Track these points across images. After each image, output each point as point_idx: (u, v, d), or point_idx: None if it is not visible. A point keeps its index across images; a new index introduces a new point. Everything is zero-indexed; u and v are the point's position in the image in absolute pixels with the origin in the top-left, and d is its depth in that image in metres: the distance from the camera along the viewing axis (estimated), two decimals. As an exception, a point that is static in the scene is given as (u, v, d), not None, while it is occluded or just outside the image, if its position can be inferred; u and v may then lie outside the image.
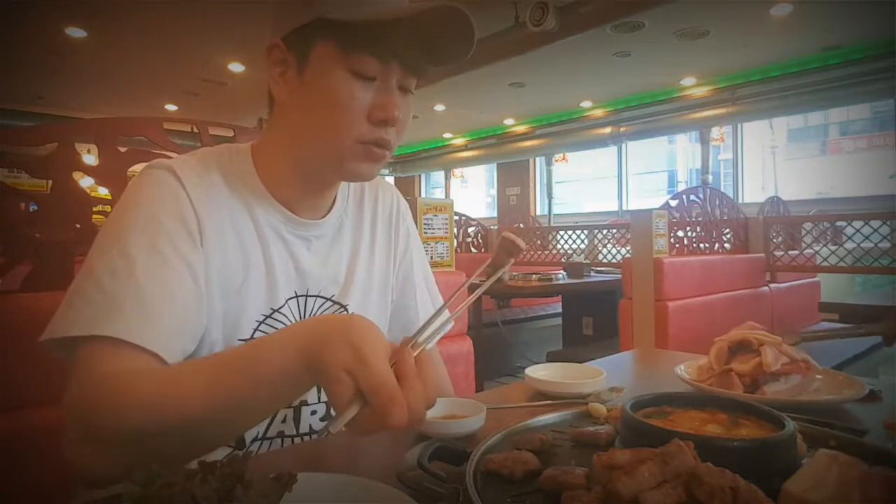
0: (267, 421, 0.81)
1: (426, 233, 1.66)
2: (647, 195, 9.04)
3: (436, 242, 1.69)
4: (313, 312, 0.84)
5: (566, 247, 4.22)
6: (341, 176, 0.82)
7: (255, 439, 0.80)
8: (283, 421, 0.82)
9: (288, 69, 0.74)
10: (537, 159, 9.67)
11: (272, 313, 0.79)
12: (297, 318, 0.82)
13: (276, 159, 0.80)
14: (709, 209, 3.16)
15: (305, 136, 0.76)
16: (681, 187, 8.87)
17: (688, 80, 6.93)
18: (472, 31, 0.71)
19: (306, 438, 0.84)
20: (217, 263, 0.73)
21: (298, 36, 0.72)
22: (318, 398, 0.85)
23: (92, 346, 0.61)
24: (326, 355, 0.52)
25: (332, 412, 0.87)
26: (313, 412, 0.85)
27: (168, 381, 0.61)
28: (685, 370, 1.01)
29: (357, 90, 0.72)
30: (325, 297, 0.85)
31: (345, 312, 0.87)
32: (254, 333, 0.77)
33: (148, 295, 0.64)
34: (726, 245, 3.26)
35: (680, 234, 3.04)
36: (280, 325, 0.79)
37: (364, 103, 0.72)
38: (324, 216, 0.85)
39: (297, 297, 0.82)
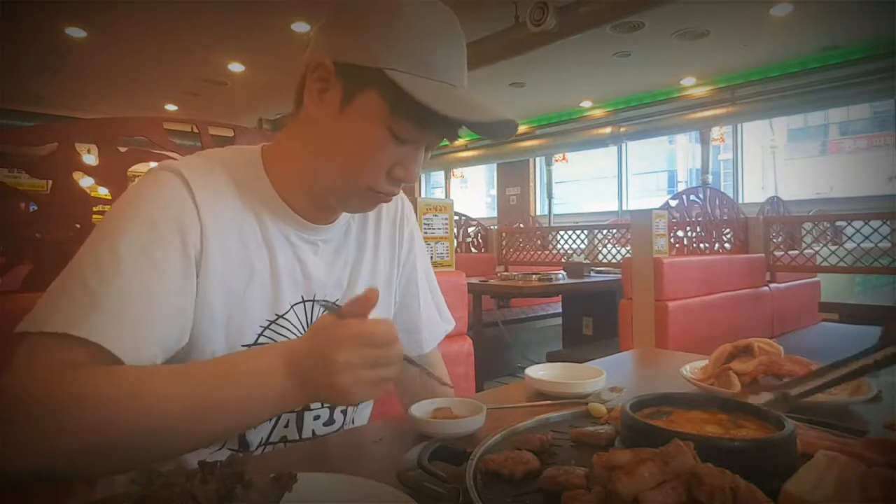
0: (270, 425, 0.80)
1: (426, 233, 1.66)
2: (647, 195, 9.04)
3: (436, 242, 1.69)
4: (318, 317, 0.83)
5: (566, 247, 4.22)
6: (342, 207, 0.83)
7: (259, 444, 0.80)
8: (286, 426, 0.82)
9: (329, 91, 0.73)
10: (537, 159, 9.67)
11: (277, 319, 0.78)
12: (303, 324, 0.81)
13: (290, 166, 0.79)
14: (709, 209, 3.16)
15: (323, 161, 0.76)
16: (681, 187, 8.87)
17: (688, 80, 6.93)
18: (514, 131, 0.76)
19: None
20: (220, 268, 0.72)
21: (353, 71, 0.71)
22: (321, 403, 0.84)
23: (59, 342, 0.60)
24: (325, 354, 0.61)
25: (335, 415, 0.87)
26: (316, 417, 0.85)
27: (139, 379, 0.60)
28: (689, 371, 1.01)
29: (389, 148, 0.72)
30: (329, 302, 0.84)
31: None
32: (258, 339, 0.77)
33: (128, 298, 0.63)
34: (726, 245, 3.26)
35: (680, 234, 3.04)
36: (285, 331, 0.79)
37: (389, 159, 0.73)
38: (332, 220, 0.85)
39: (303, 302, 0.81)
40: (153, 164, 0.76)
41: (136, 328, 0.63)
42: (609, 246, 4.03)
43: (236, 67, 6.52)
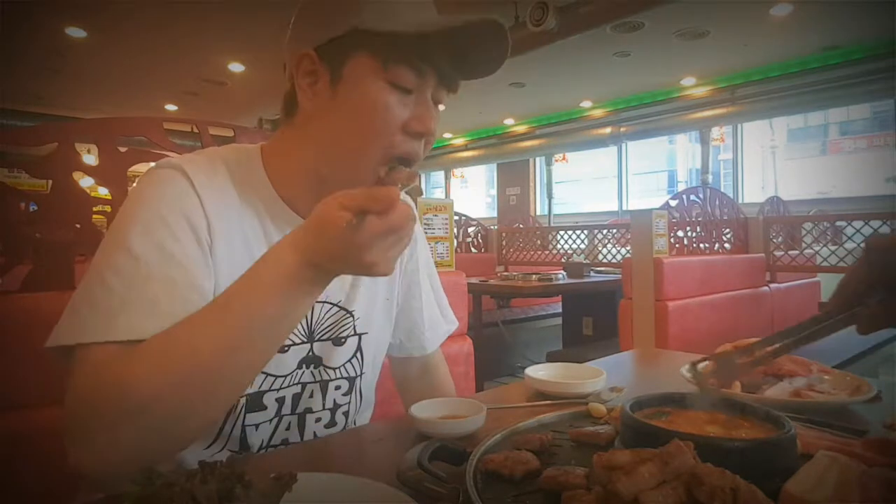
0: (271, 429, 0.80)
1: (426, 233, 1.66)
2: (647, 195, 9.04)
3: (436, 242, 1.69)
4: (320, 319, 0.83)
5: (566, 247, 4.22)
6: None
7: (260, 447, 0.79)
8: (288, 429, 0.81)
9: (319, 80, 0.73)
10: (537, 159, 9.67)
11: None
12: (304, 325, 0.81)
13: (293, 167, 0.78)
14: (709, 209, 3.16)
15: (334, 148, 0.74)
16: (681, 187, 8.87)
17: (688, 80, 6.93)
18: (506, 44, 0.72)
19: None
20: (225, 266, 0.71)
21: (332, 47, 0.71)
22: (323, 405, 0.84)
23: (99, 350, 0.60)
24: (319, 212, 0.59)
25: (336, 417, 0.86)
26: (318, 419, 0.84)
27: (173, 331, 0.60)
28: (689, 371, 1.01)
29: (394, 102, 0.71)
30: (331, 303, 0.84)
31: (351, 319, 0.86)
32: None
33: (156, 295, 0.63)
34: (726, 245, 3.26)
35: (680, 234, 3.04)
36: None
37: (401, 116, 0.72)
38: None
39: None
40: (153, 165, 0.76)
41: (168, 321, 0.62)
42: (609, 246, 4.03)
43: (236, 67, 6.52)
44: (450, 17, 0.69)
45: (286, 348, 0.79)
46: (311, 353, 0.82)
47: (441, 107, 0.78)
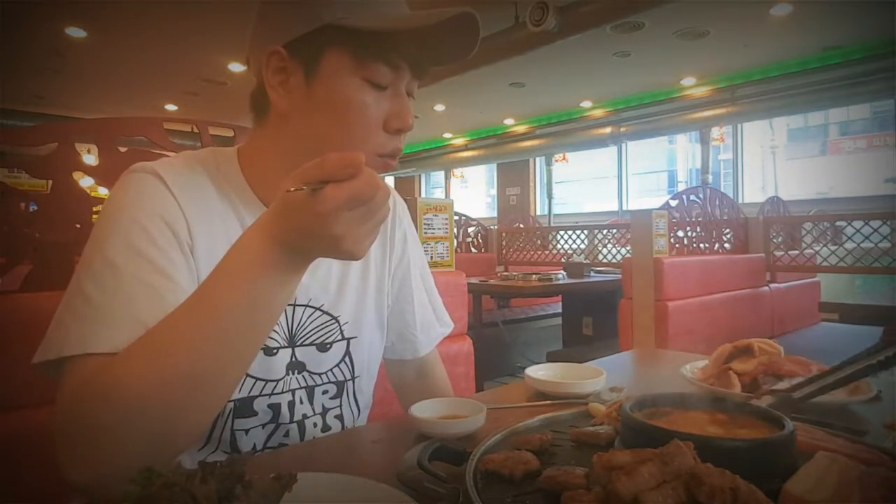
0: (265, 435, 0.79)
1: (426, 233, 1.66)
2: (647, 195, 9.05)
3: (436, 242, 1.69)
4: (302, 323, 0.81)
5: (566, 247, 4.22)
6: None
7: (254, 451, 0.78)
8: (286, 435, 0.81)
9: (290, 77, 0.71)
10: (537, 159, 9.67)
11: None
12: (285, 329, 0.80)
13: (270, 167, 0.76)
14: (709, 209, 3.16)
15: (314, 146, 0.72)
16: (681, 187, 8.87)
17: (688, 80, 6.93)
18: (477, 32, 0.71)
19: None
20: (208, 266, 0.69)
21: (304, 43, 0.70)
22: (312, 410, 0.84)
23: (85, 362, 0.59)
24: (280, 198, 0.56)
25: (327, 419, 0.85)
26: (314, 424, 0.84)
27: (150, 333, 0.58)
28: (690, 371, 1.01)
29: (372, 99, 0.71)
30: (314, 307, 0.82)
31: (336, 324, 0.85)
32: None
33: (137, 304, 0.62)
34: (726, 245, 3.26)
35: (680, 234, 3.04)
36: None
37: (379, 113, 0.71)
38: None
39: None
40: (127, 169, 0.74)
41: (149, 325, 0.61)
42: (609, 246, 4.03)
43: (236, 67, 6.52)
44: (426, 14, 0.68)
45: (274, 351, 0.78)
46: (294, 359, 0.81)
47: (440, 107, 0.78)
